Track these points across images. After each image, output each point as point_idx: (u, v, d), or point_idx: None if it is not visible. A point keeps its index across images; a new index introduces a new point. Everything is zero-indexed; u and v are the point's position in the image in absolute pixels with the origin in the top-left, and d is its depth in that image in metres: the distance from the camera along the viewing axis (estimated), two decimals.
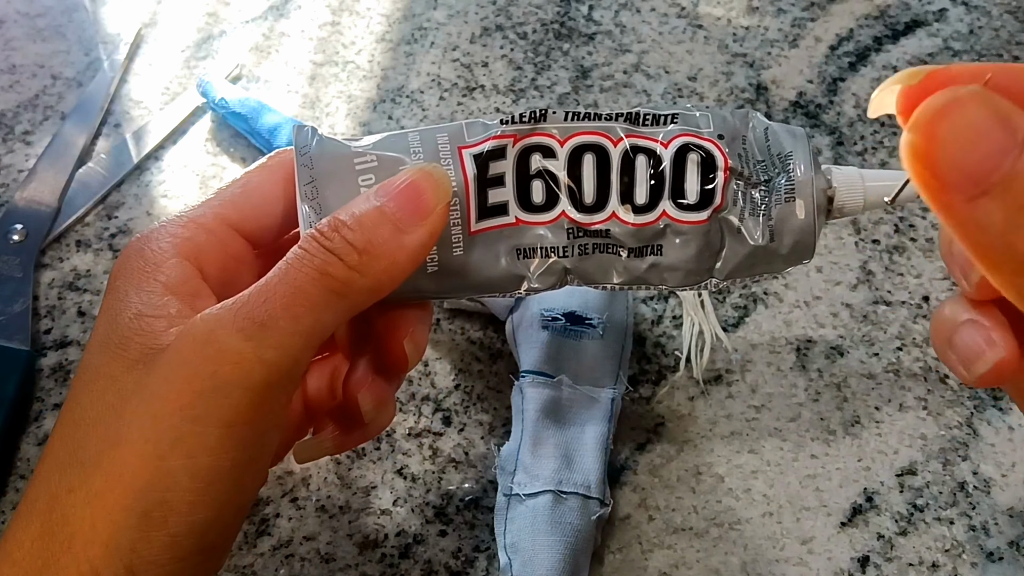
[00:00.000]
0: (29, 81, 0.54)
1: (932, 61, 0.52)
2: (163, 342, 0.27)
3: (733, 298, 0.46)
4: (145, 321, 0.28)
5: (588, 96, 0.52)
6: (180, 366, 0.26)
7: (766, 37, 0.54)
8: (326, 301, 0.27)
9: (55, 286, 0.47)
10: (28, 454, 0.43)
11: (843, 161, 0.49)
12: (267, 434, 0.28)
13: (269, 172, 0.32)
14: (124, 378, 0.27)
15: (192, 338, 0.27)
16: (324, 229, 0.28)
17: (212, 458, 0.26)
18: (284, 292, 0.27)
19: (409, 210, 0.28)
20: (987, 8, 0.54)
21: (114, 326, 0.28)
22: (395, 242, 0.28)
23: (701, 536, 0.39)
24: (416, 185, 0.29)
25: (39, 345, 0.45)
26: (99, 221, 0.49)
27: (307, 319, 0.27)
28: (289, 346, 0.26)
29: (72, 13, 0.58)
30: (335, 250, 0.27)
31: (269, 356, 0.26)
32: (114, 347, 0.28)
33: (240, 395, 0.26)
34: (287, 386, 0.27)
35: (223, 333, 0.26)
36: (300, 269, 0.27)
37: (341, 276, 0.27)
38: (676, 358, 0.44)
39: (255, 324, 0.26)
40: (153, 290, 0.28)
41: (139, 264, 0.29)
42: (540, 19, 0.56)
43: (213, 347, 0.26)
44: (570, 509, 0.37)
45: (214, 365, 0.26)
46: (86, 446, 0.27)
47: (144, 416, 0.26)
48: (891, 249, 0.47)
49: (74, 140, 0.51)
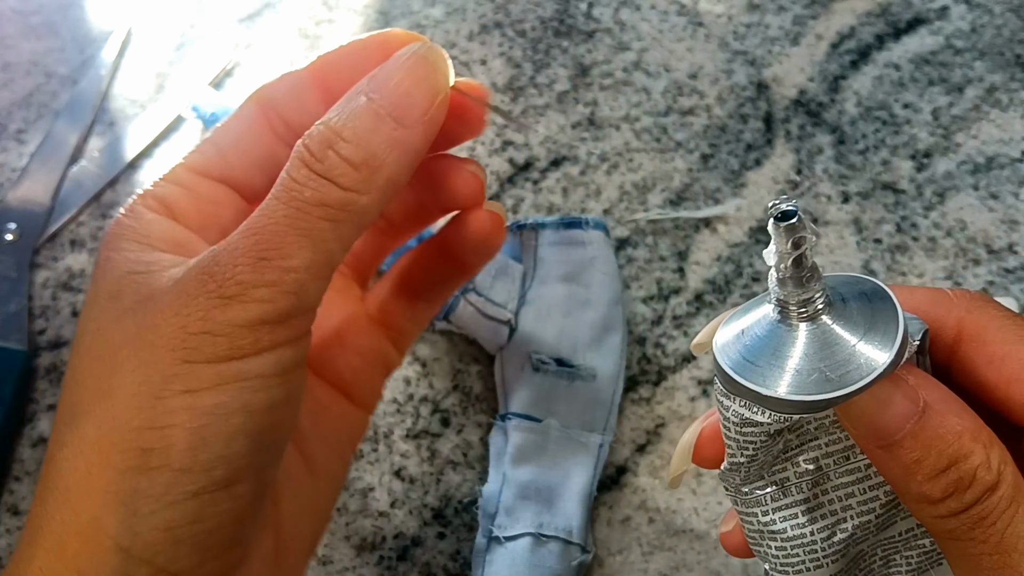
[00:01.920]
0: (23, 79, 0.54)
1: (934, 59, 0.52)
2: (155, 286, 0.25)
3: (734, 298, 0.45)
4: (138, 276, 0.26)
5: (588, 94, 0.52)
6: (167, 307, 0.24)
7: (767, 35, 0.54)
8: (322, 233, 0.25)
9: (49, 286, 0.47)
10: (23, 456, 0.42)
11: (844, 161, 0.49)
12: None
13: (238, 118, 0.30)
14: (113, 329, 0.25)
15: (181, 285, 0.25)
16: (314, 147, 0.25)
17: (214, 393, 0.24)
18: (273, 232, 0.24)
19: (407, 102, 0.26)
20: (989, 6, 0.54)
21: (105, 285, 0.26)
22: (396, 145, 0.25)
23: (702, 538, 0.39)
24: (411, 73, 0.26)
25: (34, 346, 0.45)
26: (93, 220, 0.49)
27: (302, 256, 0.25)
28: (286, 283, 0.24)
29: (66, 11, 0.57)
30: (329, 173, 0.25)
31: (263, 295, 0.24)
32: (104, 300, 0.26)
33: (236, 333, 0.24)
34: (295, 323, 0.25)
35: (212, 279, 0.24)
36: (289, 204, 0.25)
37: (336, 201, 0.25)
38: (676, 358, 0.44)
39: (246, 265, 0.24)
40: (139, 249, 0.27)
41: (118, 231, 0.28)
42: (539, 16, 0.55)
43: (206, 288, 0.24)
44: (550, 552, 0.37)
45: (203, 310, 0.24)
46: (81, 401, 0.25)
47: (135, 361, 0.24)
48: (893, 248, 0.46)
49: (67, 138, 0.51)
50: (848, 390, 0.22)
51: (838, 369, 0.22)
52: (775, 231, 0.23)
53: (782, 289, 0.23)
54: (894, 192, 0.48)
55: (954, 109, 0.50)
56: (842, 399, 0.22)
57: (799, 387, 0.23)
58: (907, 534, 0.25)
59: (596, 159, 0.50)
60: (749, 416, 0.23)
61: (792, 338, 0.23)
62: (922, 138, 0.49)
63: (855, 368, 0.22)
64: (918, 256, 0.46)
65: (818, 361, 0.23)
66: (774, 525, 0.25)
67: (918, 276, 0.46)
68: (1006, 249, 0.46)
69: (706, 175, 0.49)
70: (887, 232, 0.47)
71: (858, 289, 0.24)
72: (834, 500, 0.25)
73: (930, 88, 0.51)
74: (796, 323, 0.23)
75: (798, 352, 0.23)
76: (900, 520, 0.25)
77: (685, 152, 0.50)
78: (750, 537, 0.26)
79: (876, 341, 0.23)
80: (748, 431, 0.24)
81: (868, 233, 0.47)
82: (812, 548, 0.25)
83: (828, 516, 0.25)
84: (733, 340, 0.24)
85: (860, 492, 0.25)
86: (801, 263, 0.23)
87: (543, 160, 0.50)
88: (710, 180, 0.49)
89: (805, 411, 0.23)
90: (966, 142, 0.49)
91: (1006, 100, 0.50)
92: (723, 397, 0.24)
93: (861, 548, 0.26)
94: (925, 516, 0.23)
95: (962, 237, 0.46)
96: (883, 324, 0.23)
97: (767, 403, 0.23)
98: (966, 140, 0.49)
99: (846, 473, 0.25)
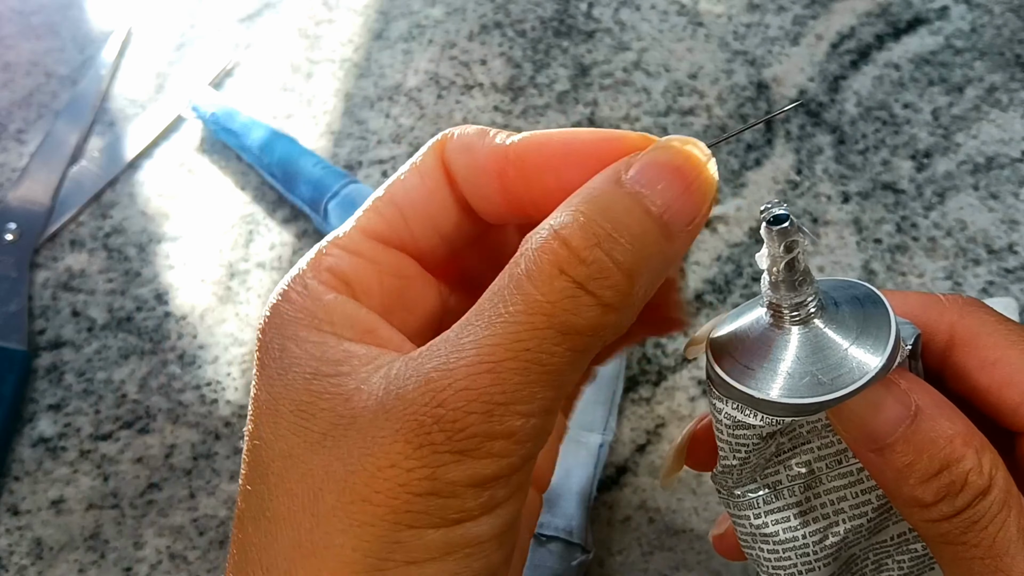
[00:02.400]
0: (23, 79, 0.54)
1: (934, 59, 0.52)
2: (355, 405, 0.21)
3: (734, 298, 0.45)
4: (328, 382, 0.21)
5: (588, 94, 0.52)
6: (383, 457, 0.20)
7: (767, 35, 0.54)
8: (568, 367, 0.21)
9: (49, 286, 0.47)
10: (23, 456, 0.42)
11: (844, 161, 0.49)
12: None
13: (420, 176, 0.25)
14: (310, 460, 0.21)
15: (395, 425, 0.20)
16: (578, 243, 0.20)
17: (439, 564, 0.21)
18: (512, 371, 0.20)
19: (679, 206, 0.21)
20: (989, 6, 0.54)
21: (287, 390, 0.22)
22: (661, 254, 0.21)
23: (702, 538, 0.39)
24: (680, 170, 0.21)
25: (34, 346, 0.45)
26: (93, 220, 0.49)
27: (543, 398, 0.20)
28: (525, 431, 0.21)
29: (66, 11, 0.57)
30: (591, 282, 0.20)
31: (500, 449, 0.21)
32: (290, 415, 0.22)
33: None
34: (525, 470, 0.22)
35: (429, 433, 0.20)
36: (534, 330, 0.20)
37: (592, 326, 0.20)
38: (676, 358, 0.44)
39: (481, 413, 0.20)
40: (323, 340, 0.22)
41: (291, 313, 0.23)
42: (539, 16, 0.55)
43: (431, 438, 0.20)
44: (550, 553, 0.37)
45: (429, 467, 0.20)
46: (275, 552, 0.21)
47: (346, 520, 0.21)
48: (893, 248, 0.46)
49: (67, 138, 0.51)
50: (840, 393, 0.22)
51: (830, 372, 0.22)
52: (767, 235, 0.23)
53: (775, 293, 0.23)
54: (894, 192, 0.48)
55: (954, 109, 0.50)
56: (834, 402, 0.22)
57: (791, 390, 0.23)
58: (899, 538, 0.26)
59: None
60: (741, 419, 0.23)
61: (784, 341, 0.23)
62: (922, 138, 0.49)
63: (847, 372, 0.22)
64: (918, 256, 0.46)
65: (810, 364, 0.23)
66: (766, 528, 0.25)
67: (918, 276, 0.46)
68: (1006, 249, 0.46)
69: None
70: (887, 232, 0.47)
71: (850, 293, 0.24)
72: (826, 503, 0.25)
73: (930, 88, 0.51)
74: (789, 327, 0.23)
75: (790, 355, 0.23)
76: (892, 524, 0.25)
77: None
78: (742, 540, 0.26)
79: (868, 345, 0.23)
80: (740, 434, 0.24)
81: (868, 233, 0.47)
82: (804, 551, 0.25)
83: (820, 519, 0.25)
84: (726, 343, 0.24)
85: (852, 496, 0.25)
86: (793, 267, 0.23)
87: None
88: None
89: (797, 414, 0.23)
90: (966, 142, 0.49)
91: (1006, 100, 0.50)
92: (716, 400, 0.24)
93: (853, 552, 0.26)
94: (917, 520, 0.23)
95: (962, 237, 0.46)
96: (875, 328, 0.23)
97: (760, 406, 0.23)
98: (966, 140, 0.49)
99: (838, 476, 0.25)
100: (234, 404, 0.44)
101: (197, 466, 0.42)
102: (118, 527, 0.41)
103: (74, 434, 0.43)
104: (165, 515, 0.41)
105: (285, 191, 0.48)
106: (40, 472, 0.42)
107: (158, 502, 0.41)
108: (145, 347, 0.45)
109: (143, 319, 0.46)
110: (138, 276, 0.47)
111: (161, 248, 0.48)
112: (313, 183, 0.47)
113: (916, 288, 0.45)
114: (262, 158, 0.48)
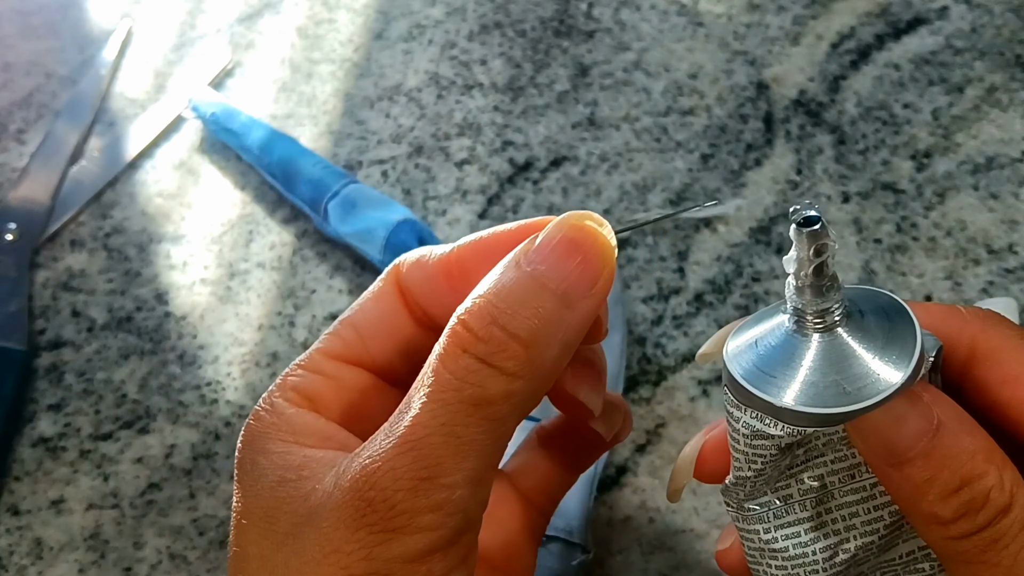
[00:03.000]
0: (23, 79, 0.54)
1: (934, 59, 0.52)
2: (311, 503, 0.23)
3: (734, 298, 0.45)
4: (290, 486, 0.23)
5: (588, 94, 0.52)
6: (327, 544, 0.22)
7: (767, 35, 0.54)
8: (484, 437, 0.22)
9: (49, 286, 0.47)
10: (23, 456, 0.42)
11: (844, 161, 0.49)
12: None
13: (375, 300, 0.28)
14: (275, 558, 0.23)
15: (337, 513, 0.22)
16: (474, 323, 0.22)
17: None
18: (430, 445, 0.21)
19: (575, 276, 0.23)
20: (989, 6, 0.54)
21: (256, 499, 0.24)
22: (561, 323, 0.22)
23: (702, 538, 0.39)
24: (574, 242, 0.23)
25: (34, 346, 0.45)
26: (93, 220, 0.49)
27: (465, 468, 0.22)
28: (452, 503, 0.22)
29: (66, 11, 0.57)
30: (492, 357, 0.22)
31: (429, 522, 0.22)
32: (260, 521, 0.24)
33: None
34: (464, 541, 0.23)
35: (361, 520, 0.22)
36: (445, 406, 0.22)
37: (500, 394, 0.22)
38: (676, 358, 0.44)
39: (408, 490, 0.21)
40: (287, 450, 0.24)
41: (260, 429, 0.25)
42: (539, 16, 0.55)
43: (366, 520, 0.22)
44: (550, 553, 0.37)
45: (366, 547, 0.22)
46: None
47: None
48: (893, 248, 0.46)
49: (67, 138, 0.51)
50: (865, 404, 0.22)
51: (855, 382, 0.22)
52: (797, 237, 0.22)
53: (800, 298, 0.23)
54: (894, 192, 0.48)
55: (954, 109, 0.50)
56: (858, 413, 0.22)
57: (814, 399, 0.22)
58: (907, 557, 0.25)
59: (596, 159, 0.50)
60: (760, 428, 0.23)
61: (807, 348, 0.23)
62: (922, 138, 0.49)
63: (871, 382, 0.22)
64: (918, 256, 0.46)
65: (834, 373, 0.22)
66: (776, 543, 0.25)
67: (918, 276, 0.46)
68: (1006, 249, 0.46)
69: (706, 175, 0.49)
70: (887, 232, 0.47)
71: (875, 303, 0.24)
72: (838, 519, 0.24)
73: (930, 88, 0.51)
74: (812, 334, 0.23)
75: (813, 363, 0.23)
76: (902, 542, 0.25)
77: (685, 152, 0.50)
78: (750, 556, 0.26)
79: (893, 356, 0.22)
80: (758, 444, 0.23)
81: (868, 233, 0.47)
82: (814, 568, 0.25)
83: (831, 535, 0.25)
84: (745, 349, 0.24)
85: (865, 512, 0.24)
86: (822, 271, 0.22)
87: (543, 160, 0.50)
88: (710, 180, 0.49)
89: (819, 424, 0.22)
90: (966, 142, 0.49)
91: (1006, 100, 0.50)
92: (733, 408, 0.23)
93: (861, 570, 0.25)
94: (934, 537, 0.22)
95: (962, 237, 0.46)
96: (900, 339, 0.22)
97: (780, 415, 0.22)
98: (966, 140, 0.49)
99: (851, 492, 0.24)
100: (234, 404, 0.44)
101: (197, 466, 0.42)
102: (118, 527, 0.41)
103: (74, 434, 0.43)
104: (165, 515, 0.41)
105: (285, 191, 0.48)
106: (40, 472, 0.42)
107: (158, 502, 0.41)
108: (145, 347, 0.45)
109: (143, 319, 0.46)
110: (138, 276, 0.47)
111: (161, 248, 0.48)
112: (313, 183, 0.47)
113: (916, 288, 0.45)
114: (262, 158, 0.48)
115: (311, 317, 0.46)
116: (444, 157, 0.50)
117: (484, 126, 0.51)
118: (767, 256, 0.46)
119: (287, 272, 0.47)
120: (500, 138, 0.51)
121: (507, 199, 0.49)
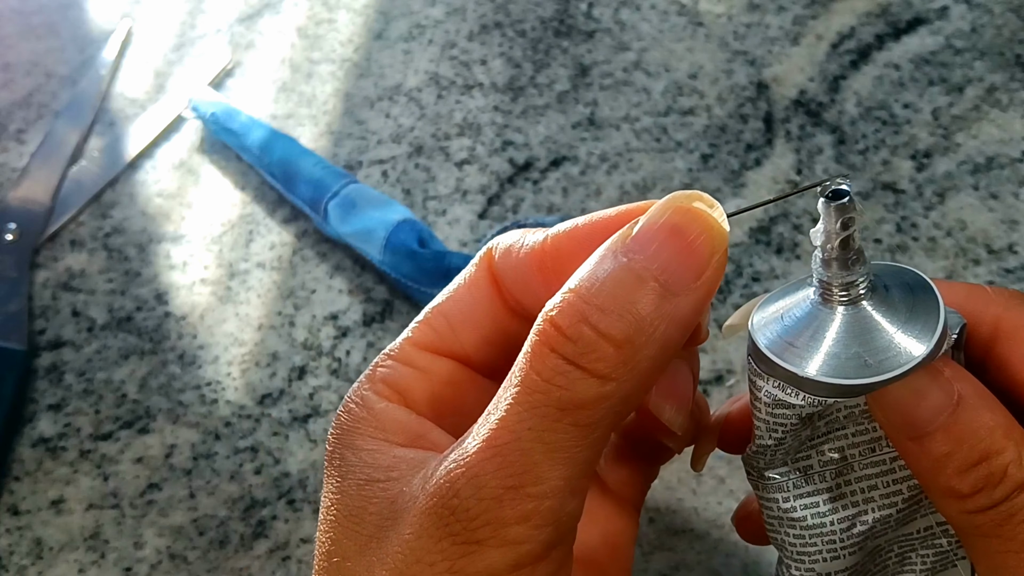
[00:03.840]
0: (23, 79, 0.54)
1: (934, 59, 0.52)
2: (398, 507, 0.22)
3: (734, 298, 0.45)
4: (378, 487, 0.23)
5: (588, 94, 0.52)
6: (411, 554, 0.21)
7: (767, 35, 0.54)
8: (576, 442, 0.20)
9: (49, 286, 0.47)
10: (23, 455, 0.42)
11: (844, 161, 0.49)
12: None
13: (467, 288, 0.26)
14: (358, 562, 0.22)
15: (421, 520, 0.21)
16: (563, 322, 0.21)
17: None
18: (518, 451, 0.20)
19: (678, 265, 0.21)
20: (989, 6, 0.54)
21: (343, 496, 0.23)
22: (663, 317, 0.21)
23: (702, 538, 0.39)
24: (678, 228, 0.21)
25: (34, 346, 0.45)
26: (93, 220, 0.49)
27: (555, 476, 0.20)
28: (542, 514, 0.20)
29: (66, 11, 0.57)
30: (582, 358, 0.20)
31: (517, 535, 0.20)
32: (346, 520, 0.23)
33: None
34: (556, 555, 0.22)
35: (443, 529, 0.21)
36: (533, 410, 0.20)
37: (592, 399, 0.20)
38: None
39: (493, 499, 0.20)
40: (376, 448, 0.23)
41: (349, 423, 0.24)
42: (539, 16, 0.55)
43: (450, 530, 0.20)
44: None
45: (449, 559, 0.20)
46: None
47: None
48: (893, 248, 0.46)
49: (67, 138, 0.51)
50: (885, 376, 0.22)
51: (877, 355, 0.22)
52: (825, 210, 0.22)
53: (826, 270, 0.23)
54: (894, 192, 0.48)
55: (954, 109, 0.50)
56: (879, 385, 0.22)
57: (836, 370, 0.22)
58: (925, 532, 0.25)
59: (596, 159, 0.50)
60: (782, 397, 0.23)
61: (831, 321, 0.23)
62: (922, 138, 0.49)
63: (894, 355, 0.22)
64: (918, 256, 0.46)
65: (857, 345, 0.22)
66: (794, 512, 0.25)
67: None
68: (1006, 249, 0.46)
69: (706, 175, 0.49)
70: (887, 232, 0.47)
71: (900, 278, 0.24)
72: (856, 491, 0.25)
73: (930, 88, 0.51)
74: (837, 306, 0.23)
75: (837, 335, 0.23)
76: (920, 517, 0.25)
77: (685, 152, 0.50)
78: (768, 524, 0.26)
79: (916, 330, 0.22)
80: (780, 413, 0.23)
81: (868, 233, 0.47)
82: (831, 538, 0.25)
83: (849, 507, 0.25)
84: (771, 320, 0.24)
85: (883, 485, 0.24)
86: (848, 245, 0.23)
87: (543, 160, 0.50)
88: (710, 180, 0.49)
89: (840, 395, 0.23)
90: (966, 142, 0.49)
91: (1006, 100, 0.50)
92: (756, 377, 0.24)
93: (878, 543, 0.26)
94: (952, 511, 0.22)
95: (962, 237, 0.46)
96: (923, 314, 0.23)
97: (803, 385, 0.23)
98: (966, 140, 0.49)
99: (871, 465, 0.25)
100: (234, 404, 0.44)
101: (197, 466, 0.42)
102: (118, 527, 0.41)
103: (74, 434, 0.43)
104: (165, 515, 0.41)
105: (285, 191, 0.48)
106: (40, 472, 0.42)
107: (158, 502, 0.41)
108: (145, 347, 0.45)
109: (143, 319, 0.46)
110: (138, 276, 0.47)
111: (161, 248, 0.48)
112: (313, 183, 0.47)
113: None
114: (262, 158, 0.48)
115: (311, 317, 0.46)
116: (444, 157, 0.50)
117: (484, 126, 0.51)
118: (767, 256, 0.46)
119: (287, 272, 0.47)
120: (500, 138, 0.51)
121: (507, 199, 0.49)
